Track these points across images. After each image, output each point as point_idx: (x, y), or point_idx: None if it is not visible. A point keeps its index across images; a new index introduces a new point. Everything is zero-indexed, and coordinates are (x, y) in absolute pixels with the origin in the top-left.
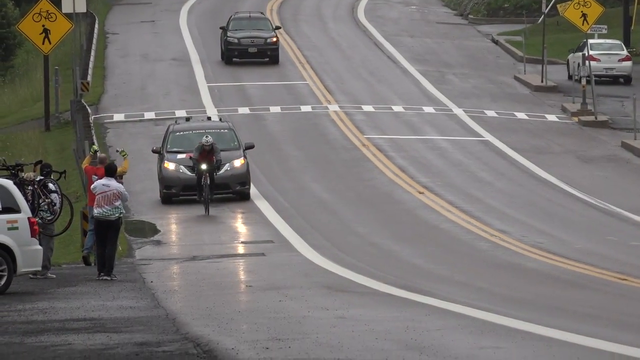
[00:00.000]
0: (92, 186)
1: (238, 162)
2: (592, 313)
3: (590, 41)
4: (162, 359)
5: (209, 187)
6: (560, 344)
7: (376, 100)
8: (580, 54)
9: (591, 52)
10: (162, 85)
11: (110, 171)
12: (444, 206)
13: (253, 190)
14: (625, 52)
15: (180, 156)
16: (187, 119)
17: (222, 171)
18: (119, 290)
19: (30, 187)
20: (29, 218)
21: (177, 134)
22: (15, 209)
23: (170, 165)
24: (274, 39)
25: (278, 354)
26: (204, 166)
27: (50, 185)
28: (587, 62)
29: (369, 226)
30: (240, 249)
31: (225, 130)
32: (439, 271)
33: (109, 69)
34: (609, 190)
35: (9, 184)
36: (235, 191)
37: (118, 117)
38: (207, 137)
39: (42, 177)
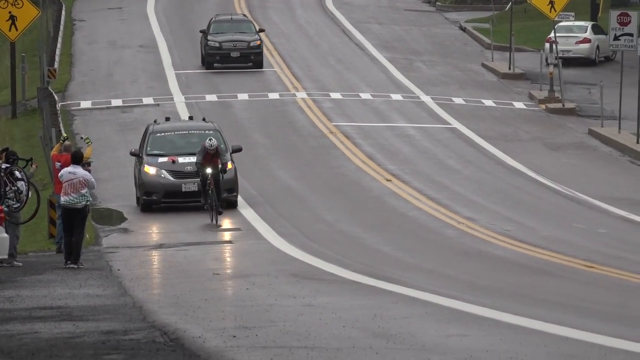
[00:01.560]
0: (59, 174)
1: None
2: (559, 300)
3: (561, 24)
4: (129, 347)
5: (215, 194)
6: (527, 332)
7: (344, 87)
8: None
9: (553, 35)
10: (129, 73)
11: (77, 159)
12: (411, 194)
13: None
14: (584, 35)
15: (161, 159)
16: (167, 119)
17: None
18: (86, 278)
19: None
20: None
21: (158, 135)
22: None
23: (150, 170)
24: (258, 42)
25: (245, 342)
26: (209, 170)
27: (17, 173)
28: (553, 46)
29: (336, 214)
30: (208, 237)
31: (210, 132)
32: (406, 259)
33: (76, 56)
34: (576, 178)
35: None
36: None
37: (85, 104)
38: (210, 139)
39: (8, 165)
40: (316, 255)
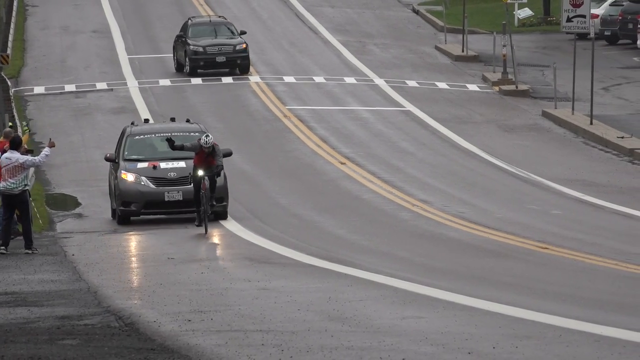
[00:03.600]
0: None
1: None
2: (514, 282)
3: None
4: (84, 332)
5: (207, 198)
6: (482, 313)
7: (297, 71)
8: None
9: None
10: (82, 58)
11: (14, 144)
12: (365, 177)
13: None
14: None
15: (140, 165)
16: (146, 120)
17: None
18: (40, 263)
19: None
20: None
21: (136, 138)
22: None
23: (128, 177)
24: (244, 46)
25: (200, 326)
26: (201, 172)
27: None
28: (508, 29)
29: (291, 197)
30: (162, 222)
31: (196, 134)
32: (361, 242)
33: (28, 42)
34: (529, 159)
35: None
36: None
37: (38, 89)
38: (207, 136)
39: None
40: (271, 239)
